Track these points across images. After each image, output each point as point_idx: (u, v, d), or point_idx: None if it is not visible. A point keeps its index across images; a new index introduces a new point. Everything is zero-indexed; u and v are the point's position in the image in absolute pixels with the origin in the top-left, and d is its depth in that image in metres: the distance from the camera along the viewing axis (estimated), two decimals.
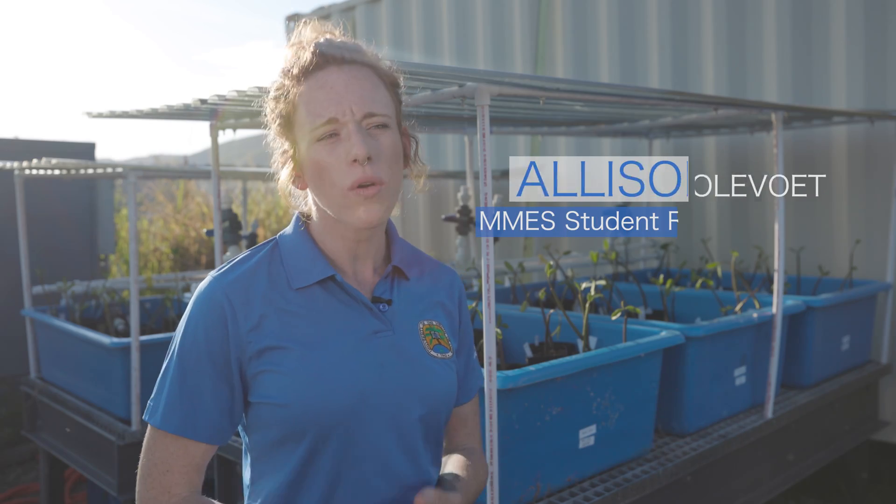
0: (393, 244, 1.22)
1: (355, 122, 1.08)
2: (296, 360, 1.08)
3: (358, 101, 1.09)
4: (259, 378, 1.08)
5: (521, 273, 2.99)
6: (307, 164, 1.10)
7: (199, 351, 1.08)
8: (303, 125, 1.10)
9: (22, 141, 5.83)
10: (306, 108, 1.09)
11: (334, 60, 1.10)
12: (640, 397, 2.28)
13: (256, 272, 1.12)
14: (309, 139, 1.09)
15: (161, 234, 8.88)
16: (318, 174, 1.09)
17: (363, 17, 5.74)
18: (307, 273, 1.12)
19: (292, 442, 1.09)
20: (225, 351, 1.08)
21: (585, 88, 2.22)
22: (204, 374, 1.08)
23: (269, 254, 1.15)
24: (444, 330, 1.21)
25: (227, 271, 1.12)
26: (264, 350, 1.08)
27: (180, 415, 1.07)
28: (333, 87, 1.09)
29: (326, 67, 1.10)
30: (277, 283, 1.12)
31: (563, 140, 4.69)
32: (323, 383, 1.07)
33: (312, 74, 1.10)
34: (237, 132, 2.67)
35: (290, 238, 1.17)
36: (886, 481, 3.85)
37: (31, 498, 4.39)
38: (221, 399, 1.09)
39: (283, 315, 1.10)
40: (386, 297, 1.17)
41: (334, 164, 1.08)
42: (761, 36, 3.91)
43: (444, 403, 1.18)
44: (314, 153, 1.09)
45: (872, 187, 3.64)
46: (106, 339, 3.05)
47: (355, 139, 1.07)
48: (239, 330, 1.08)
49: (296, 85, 1.10)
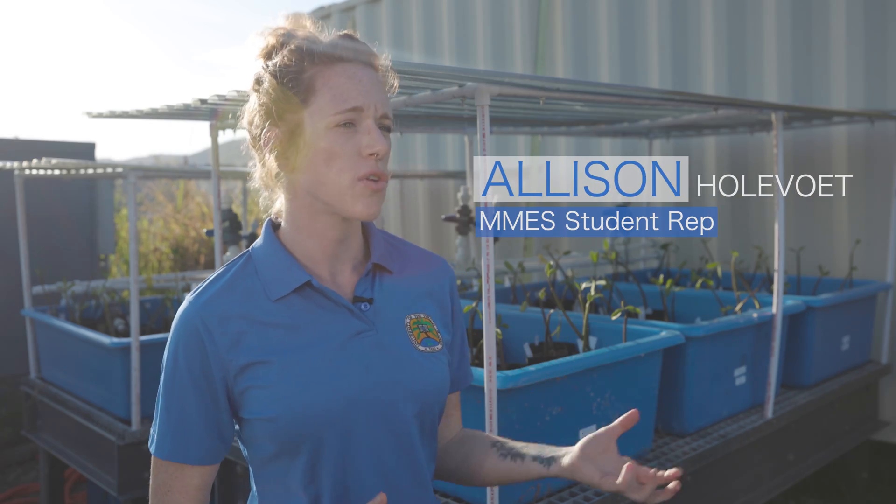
0: (371, 240, 1.20)
1: (375, 119, 1.09)
2: (278, 372, 1.06)
3: (381, 101, 1.10)
4: (246, 394, 1.07)
5: (521, 273, 2.99)
6: (314, 148, 1.08)
7: (181, 376, 1.08)
8: (322, 108, 1.07)
9: (22, 141, 5.83)
10: (330, 92, 1.07)
11: (360, 57, 1.11)
12: (640, 397, 2.28)
13: (231, 288, 1.11)
14: (326, 123, 1.07)
15: (161, 234, 8.88)
16: (328, 160, 1.07)
17: (363, 17, 5.74)
18: (282, 283, 1.11)
19: (287, 456, 1.08)
20: (207, 372, 1.07)
21: (585, 88, 2.22)
22: (188, 398, 1.08)
23: (242, 267, 1.13)
24: (433, 322, 1.19)
25: (201, 292, 1.11)
26: (247, 366, 1.07)
27: (171, 441, 1.08)
28: (362, 80, 1.09)
29: (353, 62, 1.10)
30: (253, 297, 1.10)
31: (563, 140, 4.69)
32: (307, 392, 1.06)
33: (338, 63, 1.09)
34: (237, 132, 2.67)
35: (262, 248, 1.15)
36: (886, 481, 3.85)
37: (31, 498, 4.39)
38: (210, 421, 1.08)
39: (261, 328, 1.08)
40: (367, 296, 1.14)
41: (348, 153, 1.07)
42: (761, 36, 3.91)
43: (436, 398, 1.16)
44: (329, 138, 1.07)
45: (872, 187, 3.64)
46: (106, 339, 3.05)
47: (377, 134, 1.08)
48: (218, 349, 1.07)
49: (317, 67, 1.09)
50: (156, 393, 1.12)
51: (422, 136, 5.37)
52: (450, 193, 5.25)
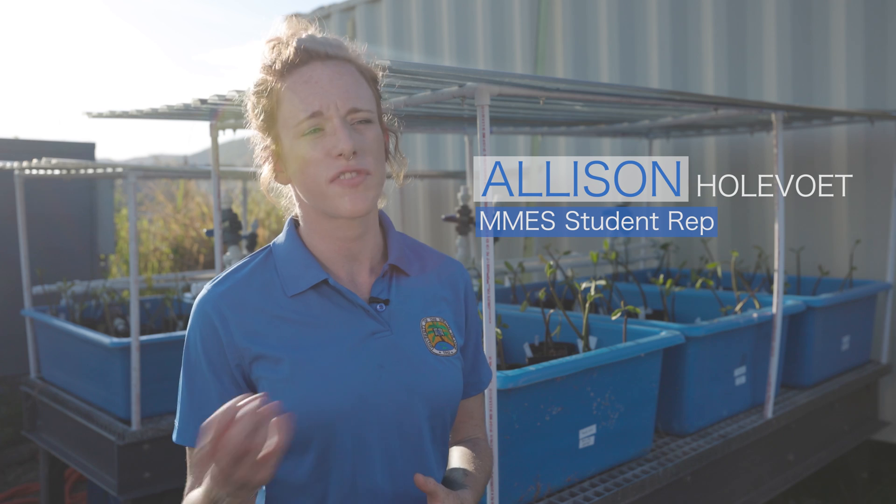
0: (389, 240, 1.20)
1: (340, 117, 1.08)
2: (291, 368, 1.07)
3: (343, 96, 1.08)
4: (259, 385, 1.08)
5: (521, 273, 2.99)
6: (291, 159, 1.09)
7: (199, 361, 1.09)
8: (287, 120, 1.09)
9: (22, 141, 5.84)
10: (290, 103, 1.08)
11: (317, 56, 1.09)
12: (640, 397, 2.28)
13: (250, 281, 1.12)
14: (293, 134, 1.08)
15: (161, 234, 8.88)
16: (302, 169, 1.08)
17: (363, 17, 5.74)
18: (300, 279, 1.12)
19: (297, 453, 1.08)
20: (223, 360, 1.08)
21: (585, 88, 2.22)
22: (208, 383, 1.08)
23: (262, 262, 1.15)
24: (448, 326, 1.19)
25: (221, 281, 1.12)
26: (260, 358, 1.08)
27: (194, 428, 1.07)
28: (318, 81, 1.08)
29: (310, 63, 1.09)
30: (271, 291, 1.11)
31: (562, 140, 4.69)
32: (318, 389, 1.06)
33: (296, 69, 1.09)
34: (237, 132, 2.67)
35: (283, 245, 1.16)
36: (886, 481, 3.85)
37: (31, 498, 4.39)
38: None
39: (277, 323, 1.09)
40: (383, 297, 1.15)
41: (318, 157, 1.07)
42: (761, 36, 3.91)
43: (448, 402, 1.16)
44: (298, 148, 1.08)
45: (872, 187, 3.64)
46: (106, 339, 3.05)
47: (341, 134, 1.07)
48: (233, 339, 1.08)
49: (278, 80, 1.09)
50: (156, 393, 1.12)
51: (422, 136, 5.38)
52: (450, 193, 5.25)
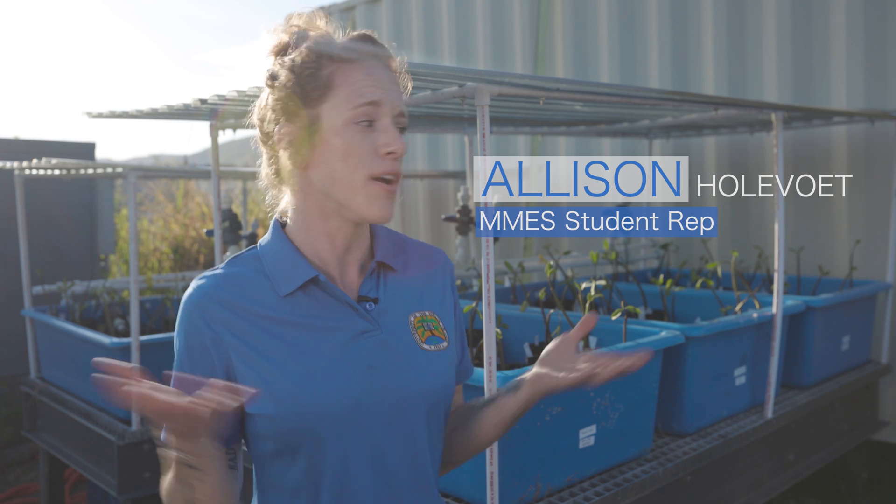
0: (376, 238, 1.19)
1: (392, 117, 1.09)
2: (280, 369, 1.06)
3: (397, 99, 1.10)
4: (246, 385, 1.06)
5: (521, 273, 2.99)
6: (330, 142, 1.07)
7: (189, 357, 1.08)
8: (339, 104, 1.07)
9: (22, 141, 5.84)
10: (348, 88, 1.07)
11: (378, 57, 1.11)
12: (640, 397, 2.28)
13: (236, 280, 1.10)
14: (344, 119, 1.06)
15: (161, 234, 8.88)
16: (344, 157, 1.07)
17: (363, 17, 5.74)
18: (290, 278, 1.10)
19: (288, 455, 1.07)
20: (209, 360, 1.07)
21: (585, 88, 2.22)
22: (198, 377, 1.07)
23: (248, 261, 1.13)
24: (437, 319, 1.18)
25: (208, 279, 1.10)
26: (247, 358, 1.06)
27: None
28: (380, 78, 1.09)
29: (371, 61, 1.10)
30: (259, 291, 1.10)
31: (563, 140, 4.69)
32: (306, 390, 1.05)
33: (356, 62, 1.08)
34: (237, 132, 2.67)
35: (270, 245, 1.14)
36: (886, 481, 3.85)
37: (31, 498, 4.38)
38: None
39: (264, 323, 1.08)
40: (372, 296, 1.14)
41: (365, 150, 1.07)
42: (761, 36, 3.91)
43: (442, 397, 1.16)
44: (346, 135, 1.07)
45: (872, 187, 3.64)
46: (106, 339, 3.05)
47: (394, 133, 1.08)
48: (219, 338, 1.06)
49: (332, 64, 1.08)
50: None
51: (422, 136, 5.38)
52: (450, 193, 5.25)
